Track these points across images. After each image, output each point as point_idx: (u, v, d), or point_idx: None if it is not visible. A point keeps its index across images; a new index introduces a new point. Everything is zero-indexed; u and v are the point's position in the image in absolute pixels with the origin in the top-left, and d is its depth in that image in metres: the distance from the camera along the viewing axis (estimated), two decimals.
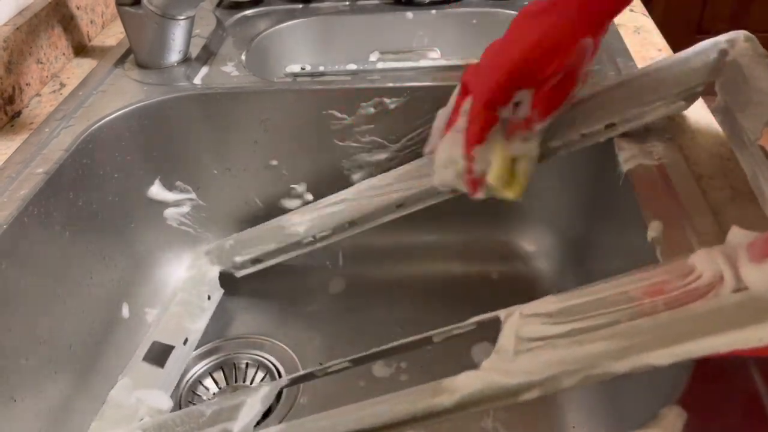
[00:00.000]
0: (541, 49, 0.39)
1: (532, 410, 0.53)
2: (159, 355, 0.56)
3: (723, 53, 0.45)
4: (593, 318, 0.31)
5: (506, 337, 0.33)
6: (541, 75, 0.40)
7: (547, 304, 0.34)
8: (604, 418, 0.51)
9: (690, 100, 0.48)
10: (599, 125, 0.49)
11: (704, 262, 0.29)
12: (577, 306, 0.32)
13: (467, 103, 0.44)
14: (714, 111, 0.48)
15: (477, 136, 0.43)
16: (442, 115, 0.47)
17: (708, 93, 0.48)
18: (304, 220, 0.58)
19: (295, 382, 0.44)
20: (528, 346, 0.32)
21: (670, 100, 0.47)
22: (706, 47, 0.46)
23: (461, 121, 0.44)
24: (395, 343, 0.40)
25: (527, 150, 0.45)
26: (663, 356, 0.28)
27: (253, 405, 0.43)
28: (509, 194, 0.46)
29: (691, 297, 0.29)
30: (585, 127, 0.49)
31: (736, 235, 0.30)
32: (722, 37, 0.46)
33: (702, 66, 0.46)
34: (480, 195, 0.46)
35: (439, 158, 0.47)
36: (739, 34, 0.45)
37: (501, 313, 0.36)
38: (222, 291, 0.63)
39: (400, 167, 0.55)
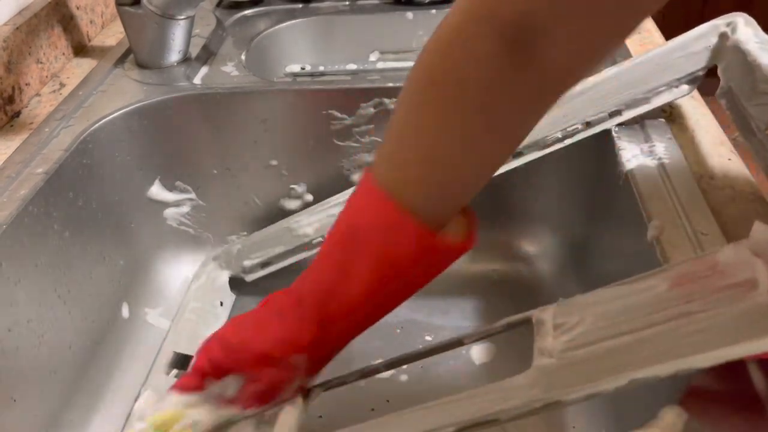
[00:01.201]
0: (250, 348, 0.38)
1: None
2: (179, 364, 0.56)
3: (723, 37, 0.45)
4: (631, 321, 0.31)
5: (544, 341, 0.33)
6: (245, 370, 0.39)
7: (581, 304, 0.33)
8: (604, 418, 0.50)
9: (692, 83, 0.48)
10: (603, 113, 0.48)
11: (734, 260, 0.29)
12: (612, 309, 0.32)
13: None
14: (718, 96, 0.47)
15: (180, 386, 0.41)
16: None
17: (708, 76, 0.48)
18: (312, 221, 0.58)
19: (328, 388, 0.42)
20: (569, 352, 0.31)
21: (673, 85, 0.48)
22: (705, 31, 0.46)
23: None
24: (427, 347, 0.39)
25: (203, 420, 0.43)
26: (705, 360, 0.27)
27: (290, 411, 0.42)
28: None
29: (727, 299, 0.28)
30: (590, 116, 0.48)
31: (761, 230, 0.29)
32: (720, 20, 0.46)
33: (703, 50, 0.46)
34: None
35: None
36: (738, 18, 0.45)
37: (534, 314, 0.35)
38: (234, 296, 0.63)
39: None
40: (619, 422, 0.48)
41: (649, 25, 0.67)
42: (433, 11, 0.78)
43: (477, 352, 0.57)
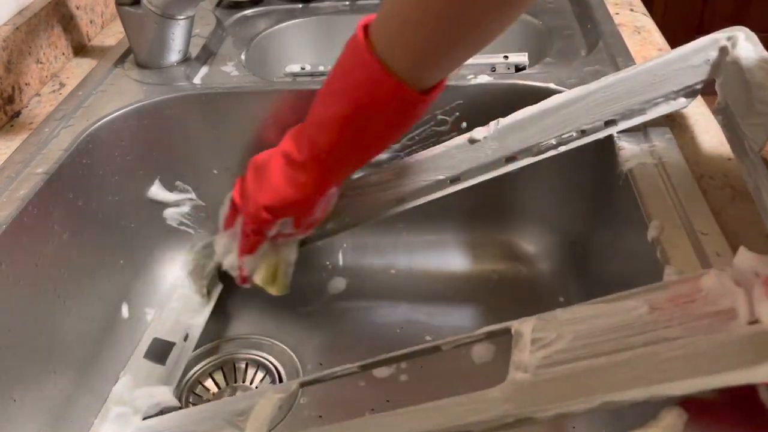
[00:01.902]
0: (297, 201, 0.48)
1: None
2: (160, 352, 0.56)
3: (723, 51, 0.45)
4: (609, 342, 0.31)
5: (520, 355, 0.33)
6: (296, 214, 0.50)
7: (560, 320, 0.33)
8: (604, 418, 0.50)
9: (690, 97, 0.48)
10: (599, 121, 0.49)
11: (717, 288, 0.29)
12: (591, 327, 0.32)
13: (239, 222, 0.53)
14: (715, 112, 0.47)
15: (246, 251, 0.53)
16: (226, 205, 0.55)
17: (706, 92, 0.48)
18: None
19: (303, 385, 0.43)
20: (544, 369, 0.31)
21: (671, 97, 0.47)
22: (706, 44, 0.46)
23: (236, 229, 0.53)
24: (405, 351, 0.39)
25: (289, 255, 0.55)
26: (679, 388, 0.28)
27: (263, 411, 0.42)
28: (273, 291, 0.55)
29: (706, 328, 0.28)
30: (585, 124, 0.49)
31: (745, 258, 0.29)
32: (721, 34, 0.45)
33: (702, 64, 0.46)
34: (248, 286, 0.56)
35: (219, 245, 0.56)
36: (739, 32, 0.44)
37: (513, 325, 0.35)
38: (221, 285, 0.63)
39: (398, 161, 0.55)
40: (619, 422, 0.48)
41: (649, 25, 0.67)
42: None
43: (477, 352, 0.57)
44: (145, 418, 0.52)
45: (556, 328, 0.33)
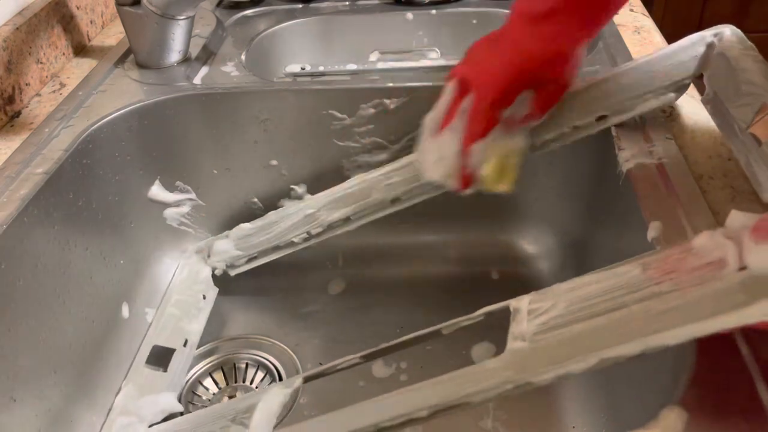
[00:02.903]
0: (546, 57, 0.42)
1: (531, 410, 0.53)
2: (160, 358, 0.56)
3: (710, 47, 0.47)
4: (603, 303, 0.32)
5: (518, 326, 0.34)
6: (544, 79, 0.43)
7: (556, 291, 0.34)
8: (604, 418, 0.50)
9: (679, 92, 0.49)
10: (591, 117, 0.49)
11: (708, 244, 0.30)
12: (586, 293, 0.33)
13: (467, 101, 0.45)
14: (704, 102, 0.49)
15: (479, 134, 0.45)
16: (431, 118, 0.48)
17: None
18: (299, 218, 0.58)
19: (307, 380, 0.44)
20: (541, 335, 0.32)
21: (660, 93, 0.48)
22: (694, 41, 0.47)
23: (458, 121, 0.46)
24: (406, 337, 0.40)
25: (519, 144, 0.47)
26: (673, 337, 0.28)
27: (269, 407, 0.42)
28: (502, 187, 0.47)
29: (698, 279, 0.29)
30: (577, 120, 0.49)
31: (736, 218, 0.30)
32: (709, 32, 0.47)
33: (691, 59, 0.47)
34: (469, 190, 0.48)
35: (428, 158, 0.48)
36: (725, 29, 0.46)
37: (511, 303, 0.36)
38: (216, 290, 0.63)
39: (393, 162, 0.55)
40: (619, 422, 0.48)
41: (649, 25, 0.67)
42: (433, 11, 0.78)
43: (477, 352, 0.57)
44: (150, 425, 0.52)
45: (552, 298, 0.34)
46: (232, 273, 0.63)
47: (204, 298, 0.61)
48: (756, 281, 0.27)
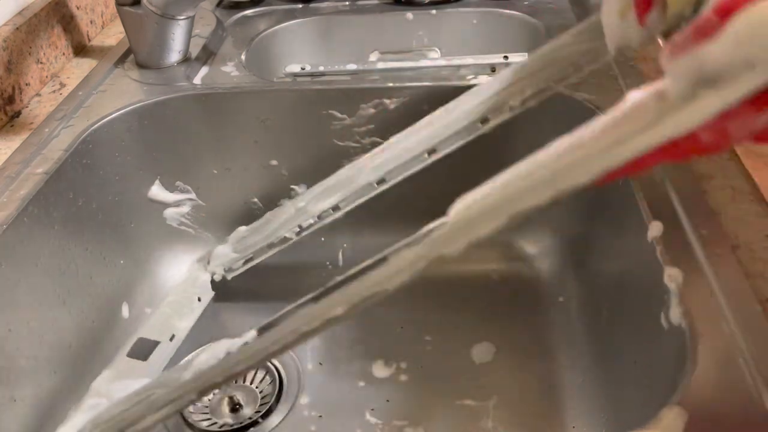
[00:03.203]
0: None
1: (531, 410, 0.53)
2: (143, 350, 0.56)
3: None
4: (519, 176, 0.31)
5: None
6: None
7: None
8: (604, 418, 0.51)
9: None
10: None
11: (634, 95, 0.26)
12: (506, 175, 0.32)
13: None
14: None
15: None
16: None
17: None
18: (291, 213, 0.58)
19: (262, 331, 0.43)
20: (461, 214, 0.33)
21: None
22: None
23: None
24: (355, 269, 0.39)
25: None
26: (585, 174, 0.28)
27: (214, 349, 0.42)
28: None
29: (614, 119, 0.26)
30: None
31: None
32: None
33: None
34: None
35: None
36: None
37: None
38: (212, 293, 0.63)
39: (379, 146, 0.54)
40: (619, 422, 0.48)
41: None
42: (433, 11, 0.78)
43: (477, 352, 0.57)
44: None
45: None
46: (230, 276, 0.63)
47: (199, 300, 0.61)
48: (663, 103, 0.24)
